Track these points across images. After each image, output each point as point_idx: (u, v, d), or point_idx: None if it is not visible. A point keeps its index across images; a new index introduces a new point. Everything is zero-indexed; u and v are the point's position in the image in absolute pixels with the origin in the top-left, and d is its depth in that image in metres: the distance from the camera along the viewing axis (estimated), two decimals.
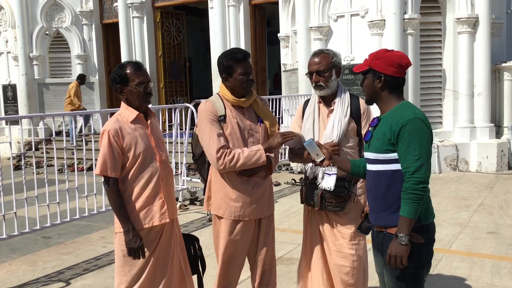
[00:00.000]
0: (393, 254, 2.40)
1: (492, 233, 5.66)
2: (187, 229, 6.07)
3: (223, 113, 3.14)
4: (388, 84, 2.53)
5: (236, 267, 3.28)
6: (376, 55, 2.56)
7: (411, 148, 2.39)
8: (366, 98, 2.66)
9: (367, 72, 2.57)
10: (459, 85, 9.52)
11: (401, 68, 2.54)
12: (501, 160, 9.39)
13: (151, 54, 13.53)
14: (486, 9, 9.29)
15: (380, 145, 2.50)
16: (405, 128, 2.41)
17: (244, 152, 3.08)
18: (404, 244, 2.37)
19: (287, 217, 6.46)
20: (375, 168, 2.55)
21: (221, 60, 3.15)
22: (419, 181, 2.37)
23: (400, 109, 2.51)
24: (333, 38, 9.76)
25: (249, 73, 3.12)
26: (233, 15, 12.05)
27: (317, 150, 2.75)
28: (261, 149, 3.10)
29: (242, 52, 3.14)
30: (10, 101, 14.77)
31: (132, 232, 2.86)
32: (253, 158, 3.08)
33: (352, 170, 2.82)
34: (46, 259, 5.25)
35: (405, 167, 2.41)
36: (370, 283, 3.61)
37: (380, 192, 2.53)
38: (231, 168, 3.08)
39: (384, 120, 2.54)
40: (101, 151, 2.89)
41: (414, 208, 2.37)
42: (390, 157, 2.47)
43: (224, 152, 3.05)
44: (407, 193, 2.38)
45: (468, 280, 4.36)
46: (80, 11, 14.28)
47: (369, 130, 2.64)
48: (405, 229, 2.38)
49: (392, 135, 2.44)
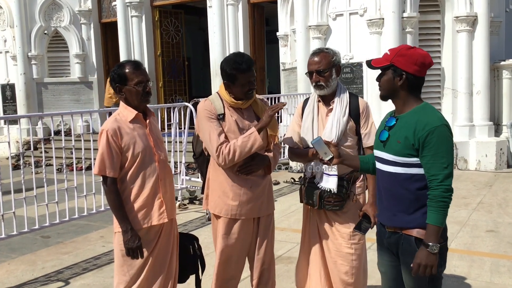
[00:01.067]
0: (423, 264, 2.36)
1: (491, 231, 5.66)
2: (186, 228, 6.06)
3: (222, 112, 3.13)
4: (409, 82, 2.46)
5: (234, 265, 3.27)
6: (399, 52, 2.48)
7: (439, 155, 2.35)
8: (382, 93, 2.55)
9: (387, 68, 2.49)
10: (458, 84, 9.52)
11: (424, 67, 2.48)
12: (500, 159, 9.39)
13: (149, 53, 13.52)
14: (485, 7, 9.29)
15: (401, 148, 2.43)
16: (432, 135, 2.35)
17: (238, 141, 3.04)
18: (435, 253, 2.35)
19: (286, 216, 6.45)
20: (393, 170, 2.48)
21: (225, 67, 3.09)
22: (447, 189, 2.36)
23: (423, 112, 2.44)
24: (332, 36, 9.76)
25: (252, 82, 3.10)
26: (231, 14, 12.04)
27: (325, 148, 2.73)
28: (254, 131, 3.05)
29: (247, 62, 3.06)
30: (8, 101, 14.75)
31: (130, 232, 2.86)
32: (248, 143, 3.03)
33: (362, 166, 2.79)
34: (45, 258, 5.25)
35: (432, 175, 2.36)
36: (369, 282, 3.61)
37: (397, 194, 2.48)
38: (232, 161, 3.05)
39: (404, 121, 2.46)
40: (99, 151, 2.88)
41: (442, 215, 2.36)
42: (411, 161, 2.42)
43: (221, 148, 3.04)
44: (436, 201, 2.35)
45: (468, 279, 4.36)
46: (79, 10, 14.25)
47: (385, 130, 2.54)
48: (434, 237, 2.35)
49: (416, 141, 2.38)
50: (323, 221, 3.32)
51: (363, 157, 2.88)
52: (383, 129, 2.58)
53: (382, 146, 2.55)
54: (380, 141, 2.57)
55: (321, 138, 2.81)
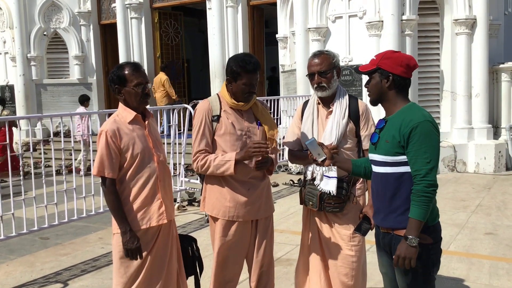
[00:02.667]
0: (402, 256, 2.41)
1: (490, 234, 5.66)
2: (185, 230, 6.06)
3: (217, 113, 3.15)
4: (396, 83, 2.53)
5: (232, 267, 3.26)
6: (385, 55, 2.57)
7: (422, 151, 2.40)
8: (372, 98, 2.63)
9: (374, 71, 2.56)
10: (457, 86, 9.54)
11: (409, 68, 2.55)
12: (499, 161, 9.40)
13: (149, 55, 13.53)
14: (484, 10, 9.31)
15: (389, 147, 2.49)
16: (416, 130, 2.41)
17: (215, 160, 3.10)
18: (414, 246, 2.39)
19: (285, 218, 6.45)
20: (383, 171, 2.55)
21: (232, 64, 3.11)
22: (430, 184, 2.39)
23: (408, 110, 2.51)
24: (331, 39, 9.77)
25: (252, 85, 3.11)
26: (231, 16, 12.06)
27: (319, 149, 2.74)
28: (232, 160, 3.07)
29: (254, 64, 3.08)
30: (8, 102, 14.75)
31: (129, 233, 2.86)
32: (222, 168, 3.09)
33: (354, 170, 2.81)
34: (44, 260, 5.24)
35: (415, 170, 2.41)
36: (369, 284, 3.61)
37: (388, 194, 2.53)
38: (204, 172, 3.19)
39: (392, 122, 2.52)
40: (98, 152, 2.88)
41: (424, 210, 2.39)
42: (399, 160, 2.47)
43: (199, 156, 3.13)
44: (418, 195, 2.39)
45: (466, 281, 4.36)
46: (78, 12, 14.27)
47: (376, 132, 2.61)
48: (414, 231, 2.40)
49: (401, 138, 2.44)
50: (323, 223, 3.32)
51: (355, 160, 2.90)
52: (374, 132, 2.66)
53: (374, 149, 2.62)
54: (372, 144, 2.64)
55: (315, 139, 2.82)
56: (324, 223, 3.32)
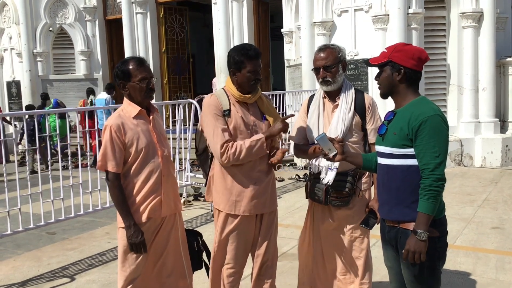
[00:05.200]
0: (411, 250, 2.40)
1: (497, 228, 5.64)
2: (191, 225, 6.08)
3: (227, 108, 3.12)
4: (407, 77, 2.51)
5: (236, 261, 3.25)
6: (396, 48, 2.54)
7: (431, 145, 2.39)
8: (382, 91, 2.60)
9: (385, 64, 2.54)
10: (463, 80, 9.48)
11: (421, 61, 2.53)
12: (506, 155, 9.35)
13: (154, 50, 13.54)
14: (491, 3, 9.24)
15: (397, 139, 2.48)
16: (425, 124, 2.39)
17: (245, 143, 3.06)
18: (423, 240, 2.39)
19: (291, 213, 6.45)
20: (390, 163, 2.54)
21: (233, 54, 3.11)
22: (439, 178, 2.38)
23: (418, 104, 2.49)
24: (337, 33, 9.73)
25: (257, 72, 3.10)
26: (236, 11, 12.03)
27: (330, 144, 2.73)
28: (262, 138, 3.09)
29: (255, 50, 3.10)
30: (14, 98, 14.82)
31: (133, 227, 2.87)
32: (255, 147, 3.06)
33: (364, 164, 2.80)
34: (51, 254, 5.27)
35: (424, 164, 2.40)
36: (375, 278, 3.61)
37: (394, 187, 2.52)
38: (235, 161, 3.06)
39: (401, 114, 2.51)
40: (102, 146, 2.89)
41: (433, 204, 2.39)
42: (406, 152, 2.46)
43: (227, 146, 3.05)
44: (427, 189, 2.38)
45: (473, 275, 4.34)
46: (84, 7, 14.29)
47: (384, 124, 2.60)
48: (424, 225, 2.39)
49: (410, 131, 2.43)
50: (329, 217, 3.31)
51: (366, 155, 2.88)
52: (382, 124, 2.64)
53: (381, 140, 2.60)
54: (379, 135, 2.62)
55: (326, 134, 2.80)
56: (328, 216, 3.31)
